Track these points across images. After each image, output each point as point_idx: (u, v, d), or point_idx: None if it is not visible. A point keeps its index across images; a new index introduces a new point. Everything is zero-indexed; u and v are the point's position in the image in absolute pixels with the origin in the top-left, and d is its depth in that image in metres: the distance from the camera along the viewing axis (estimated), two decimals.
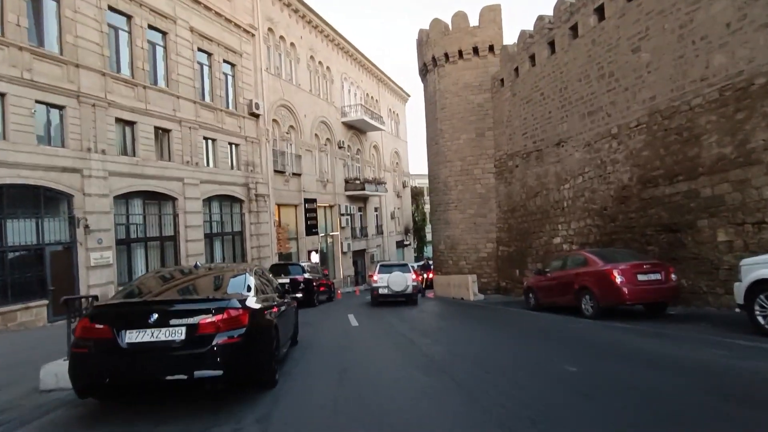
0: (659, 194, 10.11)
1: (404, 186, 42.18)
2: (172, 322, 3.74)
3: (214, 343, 3.69)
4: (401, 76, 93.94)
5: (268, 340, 4.41)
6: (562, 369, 4.87)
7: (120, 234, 14.13)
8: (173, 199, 16.14)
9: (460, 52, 18.68)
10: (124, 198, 14.38)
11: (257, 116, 20.75)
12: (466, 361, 5.67)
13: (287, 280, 15.33)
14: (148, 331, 3.70)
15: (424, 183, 54.63)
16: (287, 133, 23.58)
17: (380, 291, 15.06)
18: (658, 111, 10.09)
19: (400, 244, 41.06)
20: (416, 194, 47.55)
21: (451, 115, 19.12)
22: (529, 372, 4.91)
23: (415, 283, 15.17)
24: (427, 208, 54.87)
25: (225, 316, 3.80)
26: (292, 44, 24.36)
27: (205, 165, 17.71)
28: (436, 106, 19.70)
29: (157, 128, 15.50)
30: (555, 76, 13.99)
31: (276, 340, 4.69)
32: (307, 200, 24.50)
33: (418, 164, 71.12)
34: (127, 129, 14.61)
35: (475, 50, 18.54)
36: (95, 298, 5.38)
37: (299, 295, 15.11)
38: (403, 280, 14.87)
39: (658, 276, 8.12)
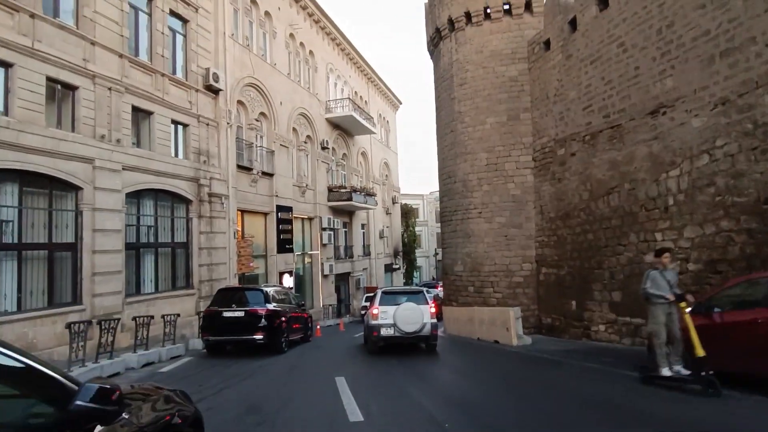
0: None
1: (394, 202, 37.37)
2: None
3: None
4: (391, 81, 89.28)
5: None
6: None
7: None
8: (75, 189, 10.83)
9: (487, 11, 14.22)
10: None
11: (216, 92, 15.75)
12: None
13: (240, 314, 10.12)
14: None
15: (413, 203, 50.00)
16: (257, 120, 18.58)
17: (383, 332, 9.92)
18: None
19: (389, 268, 35.92)
20: (406, 213, 42.73)
21: (473, 92, 14.49)
22: None
23: (433, 320, 10.11)
24: (421, 230, 50.16)
25: None
26: (267, 13, 19.65)
27: (133, 145, 12.52)
28: (452, 82, 15.07)
29: (52, 80, 10.34)
30: (648, 12, 9.49)
31: None
32: (280, 208, 19.34)
33: (406, 182, 66.35)
34: None
35: (507, 8, 14.09)
36: None
37: (258, 336, 9.88)
38: (417, 316, 9.81)
39: None
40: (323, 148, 23.86)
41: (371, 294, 26.22)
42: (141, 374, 8.13)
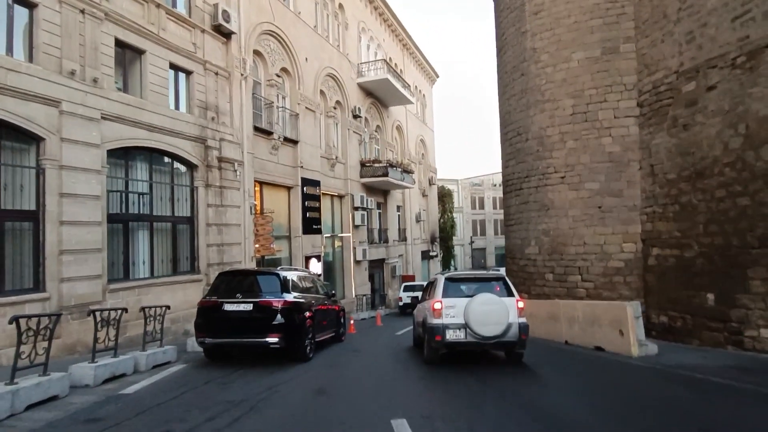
0: None
1: (431, 183, 34.14)
2: None
3: None
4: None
5: None
6: None
7: None
8: (36, 140, 8.21)
9: None
10: None
11: (227, 36, 12.93)
12: None
13: (248, 307, 7.23)
14: None
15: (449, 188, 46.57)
16: (278, 76, 15.71)
17: (449, 336, 6.89)
18: None
19: (426, 255, 32.84)
20: (443, 195, 39.46)
21: (553, 21, 11.10)
22: None
23: (522, 320, 7.01)
24: (456, 217, 46.77)
25: None
26: None
27: (118, 89, 9.82)
28: (522, 11, 11.71)
29: None
30: None
31: None
32: (306, 181, 16.50)
33: (439, 166, 62.44)
34: None
35: None
36: None
37: (273, 339, 7.01)
38: (501, 313, 6.78)
39: None
40: (355, 117, 20.85)
41: (408, 283, 23.27)
42: (92, 397, 5.34)
